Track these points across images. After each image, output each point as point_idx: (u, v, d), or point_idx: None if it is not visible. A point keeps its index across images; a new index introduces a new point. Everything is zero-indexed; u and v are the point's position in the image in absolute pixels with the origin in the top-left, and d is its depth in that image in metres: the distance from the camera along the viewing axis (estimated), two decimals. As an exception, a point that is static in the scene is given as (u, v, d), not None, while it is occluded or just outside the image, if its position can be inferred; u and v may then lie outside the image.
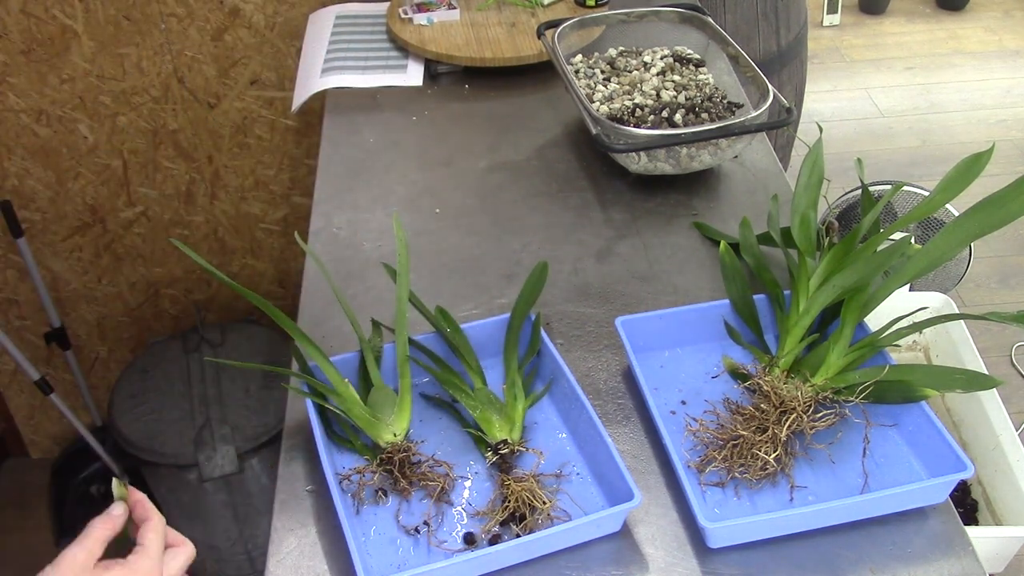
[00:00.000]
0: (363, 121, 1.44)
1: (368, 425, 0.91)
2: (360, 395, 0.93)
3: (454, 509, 0.88)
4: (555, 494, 0.88)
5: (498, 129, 1.42)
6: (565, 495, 0.88)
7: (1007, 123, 3.26)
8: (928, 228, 1.97)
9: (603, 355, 1.04)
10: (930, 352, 1.65)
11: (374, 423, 0.91)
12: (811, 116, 3.20)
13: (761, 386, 0.93)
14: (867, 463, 0.89)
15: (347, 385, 0.92)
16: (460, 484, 0.90)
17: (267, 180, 2.03)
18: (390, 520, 0.87)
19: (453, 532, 0.85)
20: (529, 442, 0.93)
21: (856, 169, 1.12)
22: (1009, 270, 2.66)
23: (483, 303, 1.11)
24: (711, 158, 1.25)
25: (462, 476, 0.91)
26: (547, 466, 0.91)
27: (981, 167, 0.96)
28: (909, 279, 0.95)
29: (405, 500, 0.88)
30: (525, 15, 1.60)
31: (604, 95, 1.33)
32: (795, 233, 1.04)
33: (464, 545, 0.84)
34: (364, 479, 0.89)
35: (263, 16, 1.80)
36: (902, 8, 3.96)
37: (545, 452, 0.92)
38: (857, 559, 0.83)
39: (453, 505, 0.88)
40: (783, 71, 1.95)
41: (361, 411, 0.91)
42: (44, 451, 2.37)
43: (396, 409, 0.92)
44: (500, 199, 1.28)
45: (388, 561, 0.83)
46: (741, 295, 1.04)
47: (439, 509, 0.87)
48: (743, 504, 0.86)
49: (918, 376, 0.91)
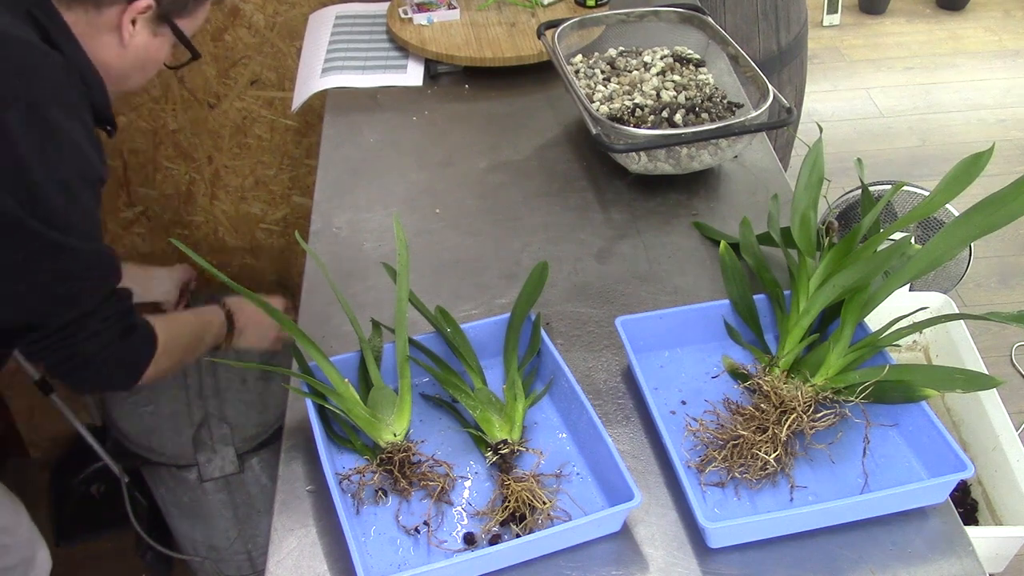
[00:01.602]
0: (363, 121, 1.44)
1: (368, 425, 0.91)
2: (360, 395, 0.93)
3: (454, 509, 0.88)
4: (555, 494, 0.88)
5: (498, 129, 1.42)
6: (565, 495, 0.88)
7: (1007, 123, 3.26)
8: (928, 228, 1.97)
9: (603, 355, 1.04)
10: (930, 352, 1.65)
11: (374, 423, 0.91)
12: (811, 116, 3.20)
13: (761, 386, 0.93)
14: (867, 463, 0.89)
15: (347, 385, 0.92)
16: (460, 484, 0.90)
17: (267, 180, 2.03)
18: (390, 520, 0.86)
19: (453, 532, 0.85)
20: (529, 442, 0.93)
21: (856, 169, 1.12)
22: (1009, 270, 2.66)
23: (483, 303, 1.11)
24: (711, 158, 1.25)
25: (462, 476, 0.91)
26: (547, 466, 0.91)
27: (981, 167, 0.96)
28: (909, 279, 0.95)
29: (405, 500, 0.88)
30: (525, 15, 1.60)
31: (604, 95, 1.33)
32: (795, 233, 1.04)
33: (464, 545, 0.84)
34: (364, 479, 0.89)
35: (263, 16, 1.80)
36: (902, 8, 3.96)
37: (545, 452, 0.92)
38: (857, 559, 0.83)
39: (453, 505, 0.88)
40: (783, 71, 1.95)
41: (361, 411, 0.91)
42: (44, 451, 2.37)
43: (396, 409, 0.92)
44: (500, 199, 1.28)
45: (388, 561, 0.83)
46: (741, 295, 1.03)
47: (439, 509, 0.87)
48: (743, 504, 0.86)
49: (918, 376, 0.91)
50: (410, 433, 0.93)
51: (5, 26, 0.89)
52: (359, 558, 0.77)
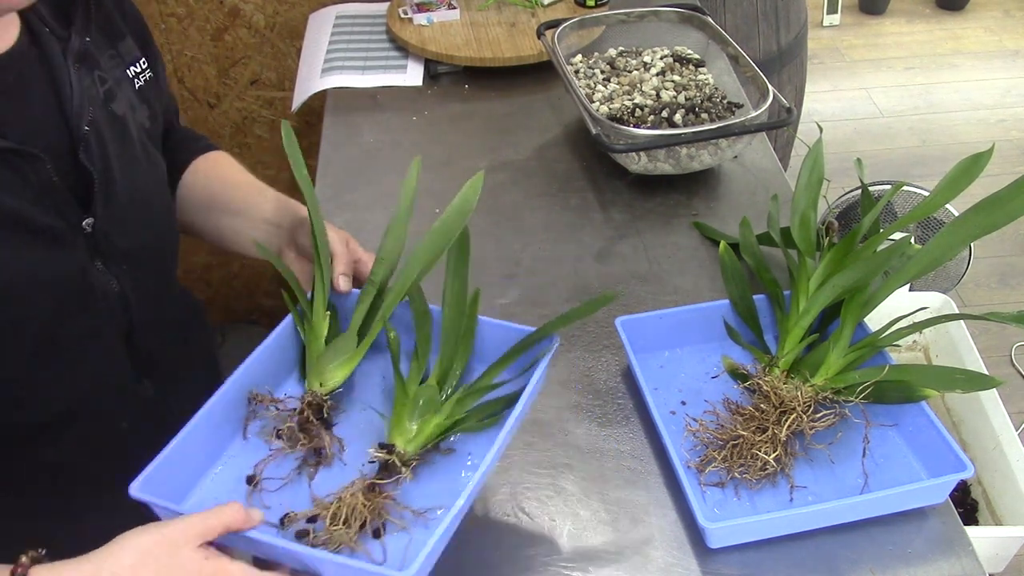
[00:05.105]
0: (363, 121, 1.44)
1: (311, 364, 0.87)
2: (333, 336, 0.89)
3: (311, 484, 0.81)
4: (382, 533, 0.76)
5: (498, 129, 1.42)
6: (391, 539, 0.76)
7: (1007, 123, 3.26)
8: (928, 228, 1.98)
9: (603, 355, 1.04)
10: (930, 352, 1.65)
11: (315, 365, 0.87)
12: (811, 116, 3.20)
13: (761, 386, 0.93)
14: (867, 463, 0.89)
15: (325, 318, 0.89)
16: (338, 465, 0.82)
17: (267, 180, 2.02)
18: (251, 459, 0.82)
19: (282, 505, 0.78)
20: (425, 465, 0.82)
21: (856, 169, 1.12)
22: (1009, 270, 2.66)
23: (483, 303, 1.10)
24: (711, 158, 1.25)
25: (341, 461, 0.82)
26: (417, 498, 0.79)
27: (981, 167, 0.96)
28: (909, 279, 0.95)
29: (286, 451, 0.83)
30: (525, 15, 1.60)
31: (604, 95, 1.33)
32: (795, 233, 1.04)
33: (277, 524, 0.77)
34: (269, 411, 0.85)
35: (263, 16, 1.80)
36: (902, 8, 3.96)
37: (433, 485, 0.80)
38: (857, 559, 0.83)
39: (311, 481, 0.81)
40: (783, 71, 1.95)
41: (315, 348, 0.88)
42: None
43: (339, 363, 0.87)
44: (500, 199, 1.28)
45: (211, 493, 0.79)
46: (741, 295, 1.04)
47: (297, 476, 0.81)
48: (743, 504, 0.86)
49: (918, 376, 0.91)
50: (345, 395, 0.88)
51: None
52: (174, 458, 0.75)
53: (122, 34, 0.94)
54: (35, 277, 0.82)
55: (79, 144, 0.84)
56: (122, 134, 0.90)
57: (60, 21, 0.86)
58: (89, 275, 0.87)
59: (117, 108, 0.90)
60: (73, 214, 0.85)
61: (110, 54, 0.92)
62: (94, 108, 0.86)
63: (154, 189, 0.97)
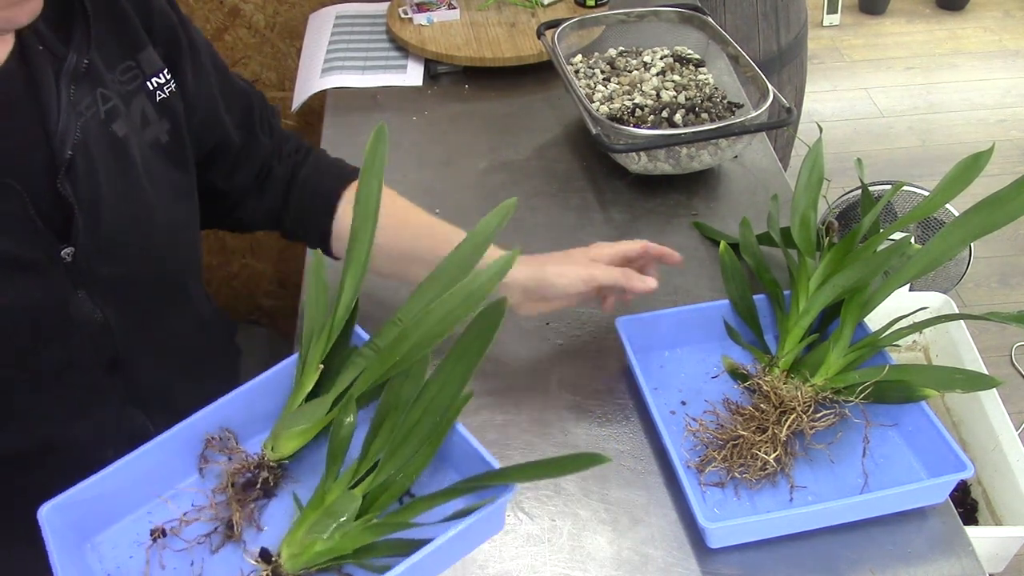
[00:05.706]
0: (363, 121, 1.44)
1: (278, 422, 0.81)
2: None
3: (207, 556, 0.75)
4: None
5: (498, 129, 1.42)
6: None
7: (1007, 123, 3.26)
8: (928, 228, 1.98)
9: (603, 355, 1.04)
10: (930, 352, 1.65)
11: (276, 425, 0.80)
12: (811, 116, 3.20)
13: (761, 386, 0.93)
14: (867, 463, 0.89)
15: (316, 371, 0.80)
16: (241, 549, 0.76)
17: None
18: (183, 505, 0.77)
19: (176, 571, 0.74)
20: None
21: (856, 169, 1.12)
22: (1009, 270, 2.66)
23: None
24: (711, 158, 1.25)
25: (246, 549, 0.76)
26: None
27: (981, 167, 0.96)
28: (909, 279, 0.95)
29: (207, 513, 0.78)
30: (525, 15, 1.60)
31: (604, 95, 1.33)
32: (795, 233, 1.04)
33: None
34: (226, 460, 0.79)
35: (263, 16, 1.80)
36: (902, 8, 3.96)
37: None
38: (857, 559, 0.83)
39: (213, 552, 0.75)
40: (783, 71, 1.95)
41: (292, 404, 0.81)
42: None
43: (294, 432, 0.77)
44: (500, 199, 1.27)
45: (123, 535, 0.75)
46: (741, 295, 1.04)
47: (199, 543, 0.76)
48: (743, 504, 0.86)
49: (918, 376, 0.91)
50: (303, 461, 0.81)
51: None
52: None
53: (143, 44, 0.88)
54: (9, 306, 0.79)
55: (60, 170, 0.79)
56: (120, 156, 0.85)
57: (60, 37, 0.82)
58: (70, 305, 0.83)
59: (118, 129, 0.85)
60: (50, 245, 0.80)
61: (125, 66, 0.87)
62: (85, 130, 0.81)
63: (160, 213, 0.90)
